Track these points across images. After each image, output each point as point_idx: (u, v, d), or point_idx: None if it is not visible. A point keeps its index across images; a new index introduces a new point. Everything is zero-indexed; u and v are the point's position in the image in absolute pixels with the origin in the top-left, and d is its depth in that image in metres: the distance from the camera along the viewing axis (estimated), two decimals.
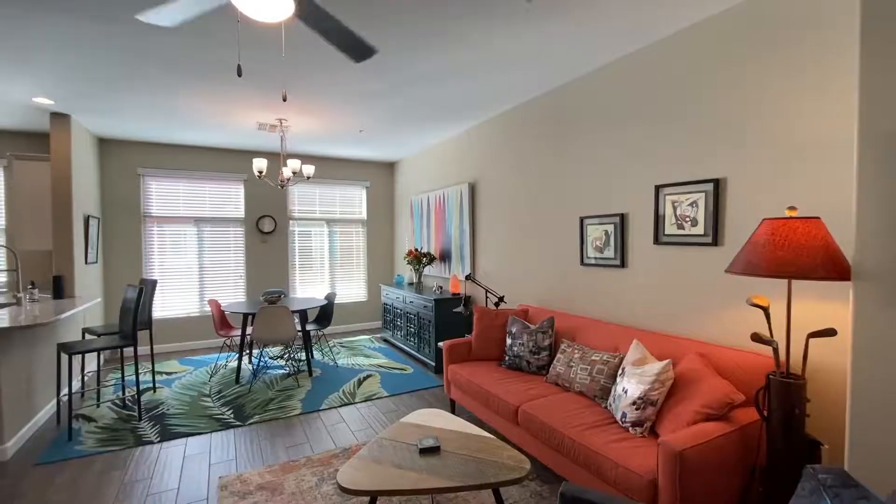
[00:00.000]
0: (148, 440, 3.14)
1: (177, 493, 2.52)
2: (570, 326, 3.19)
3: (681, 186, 2.63)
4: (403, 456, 2.01)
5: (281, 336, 4.19)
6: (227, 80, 3.43)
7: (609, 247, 3.10)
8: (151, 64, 3.13)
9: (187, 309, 5.85)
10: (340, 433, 3.25)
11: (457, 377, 3.29)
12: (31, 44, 2.80)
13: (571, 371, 2.78)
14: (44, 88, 3.61)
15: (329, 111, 4.28)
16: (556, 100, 3.61)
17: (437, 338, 4.60)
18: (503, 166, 4.30)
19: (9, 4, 2.34)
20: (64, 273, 4.31)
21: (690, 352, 2.43)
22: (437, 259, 5.55)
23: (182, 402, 3.86)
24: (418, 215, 6.11)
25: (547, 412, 2.47)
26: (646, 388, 2.22)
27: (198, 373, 4.71)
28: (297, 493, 2.47)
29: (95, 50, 2.90)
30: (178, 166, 5.73)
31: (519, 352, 3.18)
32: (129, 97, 3.83)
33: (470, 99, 3.92)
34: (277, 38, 2.76)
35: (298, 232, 6.54)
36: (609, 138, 3.13)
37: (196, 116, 4.42)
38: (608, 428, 2.28)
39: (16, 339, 3.08)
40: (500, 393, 2.81)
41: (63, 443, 3.09)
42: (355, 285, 7.02)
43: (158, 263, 5.69)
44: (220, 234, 6.01)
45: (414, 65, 3.16)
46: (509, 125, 4.19)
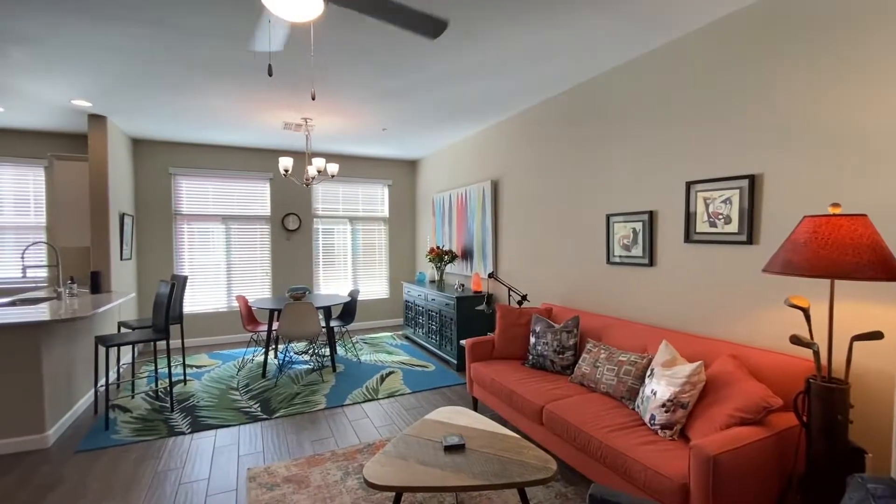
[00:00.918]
0: (180, 431, 3.24)
1: (207, 482, 2.59)
2: (596, 326, 3.13)
3: (713, 183, 2.55)
4: (428, 453, 2.01)
5: (306, 332, 4.26)
6: (255, 80, 3.50)
7: (637, 245, 3.03)
8: (183, 66, 3.21)
9: (216, 304, 6.01)
10: (364, 428, 3.28)
11: (480, 375, 3.27)
12: (71, 49, 2.91)
13: (597, 371, 2.73)
14: (82, 91, 3.75)
15: (353, 110, 4.32)
16: (581, 95, 3.55)
17: (459, 335, 4.59)
18: (527, 163, 4.26)
19: (48, 11, 2.44)
20: (101, 269, 4.48)
21: (723, 353, 2.35)
22: (459, 257, 5.55)
23: (211, 394, 3.97)
24: (440, 213, 6.11)
25: (573, 412, 2.43)
26: (676, 391, 2.16)
27: (226, 366, 4.84)
28: (322, 486, 2.51)
29: (130, 53, 2.99)
30: (207, 165, 5.88)
31: (543, 351, 3.15)
32: (161, 99, 3.95)
33: (493, 96, 3.90)
34: (304, 38, 2.79)
35: (322, 230, 6.64)
36: (637, 134, 3.05)
37: (224, 117, 4.52)
38: (636, 430, 2.23)
39: (57, 331, 3.22)
40: (524, 392, 2.78)
41: (100, 431, 3.22)
42: (377, 282, 7.08)
43: (188, 260, 5.87)
44: (247, 232, 6.15)
45: (438, 63, 3.16)
46: (533, 122, 4.14)
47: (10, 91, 3.72)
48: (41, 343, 2.99)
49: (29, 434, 2.97)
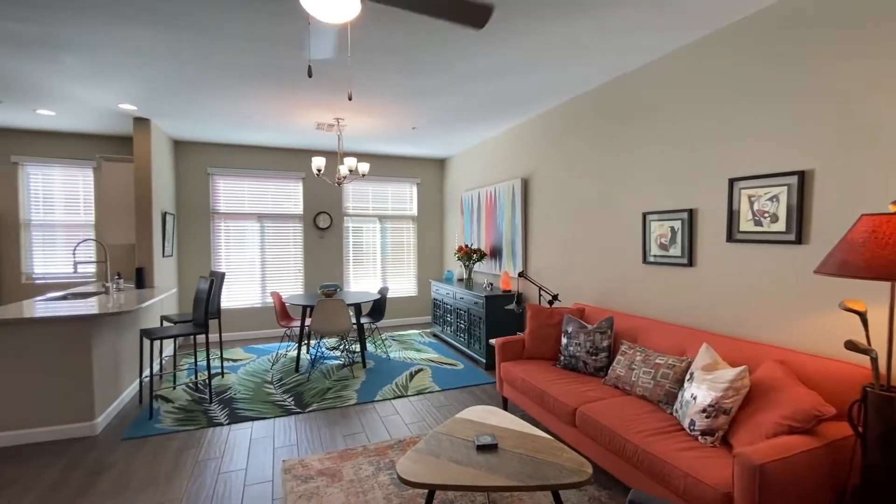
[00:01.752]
0: (218, 422, 3.35)
1: (245, 473, 2.67)
2: (631, 327, 3.06)
3: (759, 179, 2.44)
4: (460, 451, 2.01)
5: (337, 328, 4.33)
6: (290, 82, 3.57)
7: (675, 244, 2.94)
8: (222, 70, 3.31)
9: (251, 300, 6.19)
10: (394, 425, 3.32)
11: (510, 375, 3.25)
12: (119, 55, 3.05)
13: (633, 374, 2.66)
14: (128, 95, 3.93)
15: (383, 109, 4.36)
16: (617, 90, 3.46)
17: (488, 334, 4.57)
18: (558, 160, 4.19)
19: (99, 20, 2.56)
20: (145, 265, 4.69)
21: (768, 358, 2.25)
22: (488, 255, 5.52)
23: (247, 387, 4.09)
24: (468, 211, 6.10)
25: (607, 415, 2.38)
26: (718, 396, 2.08)
27: (260, 360, 4.98)
28: (355, 480, 2.55)
29: (172, 58, 3.11)
30: (243, 165, 6.07)
31: (575, 352, 3.09)
32: (201, 101, 4.09)
33: (525, 93, 3.85)
34: (337, 39, 2.82)
35: (352, 228, 6.74)
36: (676, 129, 2.95)
37: (260, 118, 4.64)
38: (675, 435, 2.16)
39: (105, 324, 3.39)
40: (557, 393, 2.74)
41: (145, 420, 3.37)
42: (405, 280, 7.13)
43: (225, 257, 6.07)
44: (281, 230, 6.31)
45: (470, 60, 3.14)
46: (565, 118, 4.07)
47: (63, 96, 3.94)
48: (91, 335, 3.16)
49: (79, 421, 3.14)
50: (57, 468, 2.70)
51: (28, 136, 5.18)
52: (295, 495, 2.41)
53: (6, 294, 5.13)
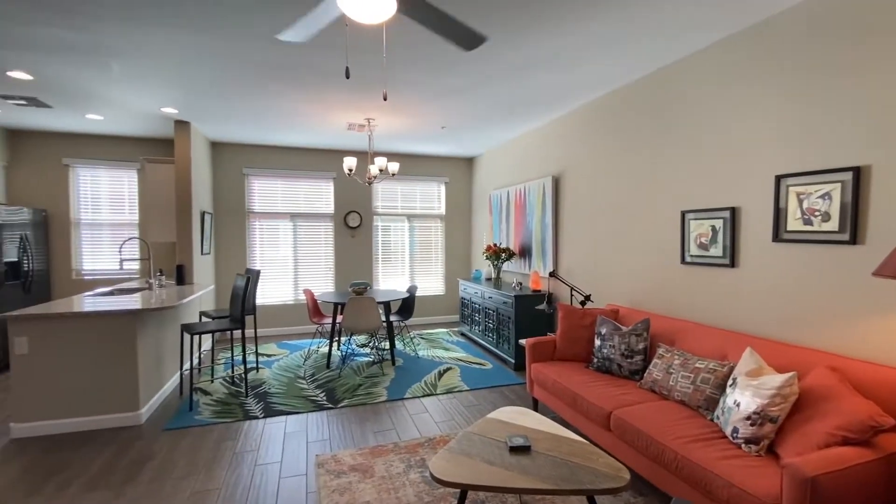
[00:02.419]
0: (254, 415, 3.45)
1: (280, 465, 2.73)
2: (668, 330, 2.96)
3: (809, 176, 2.31)
4: (493, 452, 2.00)
5: (368, 325, 4.39)
6: (323, 83, 3.63)
7: (716, 244, 2.83)
8: (258, 73, 3.40)
9: (283, 297, 6.35)
10: (424, 423, 3.33)
11: (541, 376, 3.21)
12: (162, 61, 3.17)
13: (671, 378, 2.58)
14: (170, 99, 4.09)
15: (413, 109, 4.38)
16: (653, 85, 3.36)
17: (517, 334, 4.53)
18: (591, 157, 4.10)
19: (144, 28, 2.66)
20: (185, 262, 4.88)
21: (818, 365, 2.13)
22: (517, 255, 5.47)
23: (281, 382, 4.20)
24: (497, 210, 6.06)
25: (644, 420, 2.31)
26: (763, 403, 1.99)
27: (293, 356, 5.10)
28: (386, 477, 2.57)
29: (211, 63, 3.21)
30: (276, 166, 6.22)
31: (609, 354, 3.02)
32: (237, 104, 4.21)
33: (556, 90, 3.79)
34: (371, 40, 2.85)
35: (381, 227, 6.81)
36: (718, 125, 2.84)
37: (294, 119, 4.75)
38: (716, 442, 2.08)
39: (149, 319, 3.54)
40: (590, 396, 2.69)
41: (185, 412, 3.50)
42: (433, 279, 7.15)
43: (259, 255, 6.25)
44: (313, 229, 6.45)
45: (501, 58, 3.11)
46: (598, 114, 3.98)
47: (110, 101, 4.13)
48: (136, 329, 3.30)
49: (125, 411, 3.29)
50: (105, 455, 2.84)
51: (78, 139, 5.46)
52: (328, 489, 2.45)
53: (58, 289, 5.43)
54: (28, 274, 4.90)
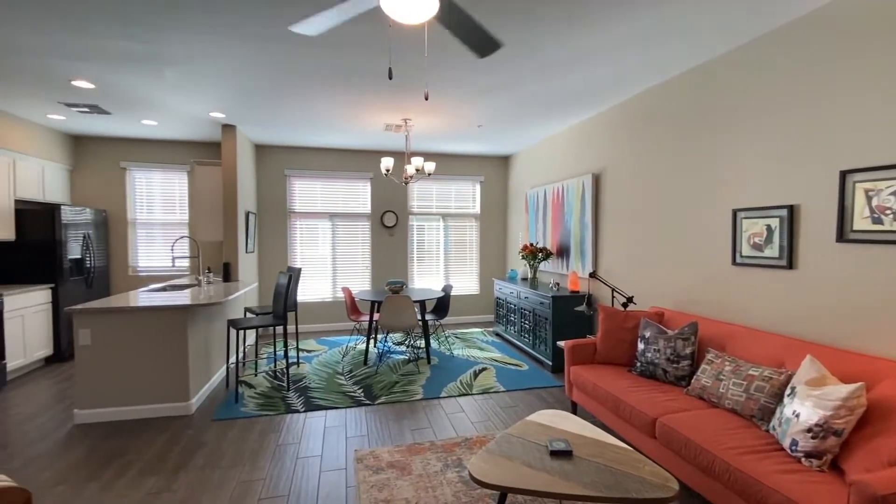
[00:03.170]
0: (295, 409, 3.55)
1: (320, 459, 2.80)
2: (718, 334, 2.82)
3: (880, 171, 2.14)
4: (533, 455, 1.96)
5: (404, 324, 4.43)
6: (361, 85, 3.69)
7: (772, 244, 2.66)
8: (300, 76, 3.49)
9: (322, 295, 6.52)
10: (460, 422, 3.32)
11: (581, 379, 3.13)
12: (212, 67, 3.31)
13: (721, 385, 2.46)
14: (218, 104, 4.27)
15: (450, 108, 4.38)
16: (701, 77, 3.20)
17: (555, 336, 4.44)
18: (633, 154, 3.97)
19: (197, 35, 2.79)
20: (231, 260, 5.09)
21: (889, 375, 1.97)
22: (554, 254, 5.37)
23: (320, 377, 4.30)
24: (534, 209, 5.97)
25: (692, 428, 2.21)
26: (826, 415, 1.86)
27: (332, 352, 5.22)
28: (423, 475, 2.58)
29: (257, 68, 3.33)
30: (316, 167, 6.39)
31: (653, 358, 2.91)
32: (280, 107, 4.35)
33: (597, 85, 3.68)
34: (411, 40, 2.87)
35: (416, 226, 6.86)
36: (775, 118, 2.67)
37: (334, 121, 4.85)
38: (772, 455, 1.96)
39: (199, 314, 3.71)
40: (634, 401, 2.60)
41: (231, 404, 3.65)
42: (468, 278, 7.14)
43: (300, 253, 6.44)
44: (350, 228, 6.58)
45: (540, 53, 3.06)
46: (643, 109, 3.85)
47: (164, 107, 4.36)
48: (187, 323, 3.47)
49: (177, 401, 3.47)
50: (160, 442, 3.00)
51: (134, 143, 5.80)
52: (367, 485, 2.48)
53: (116, 285, 5.79)
54: (90, 270, 5.25)
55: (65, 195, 5.48)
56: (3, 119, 4.47)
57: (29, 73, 3.45)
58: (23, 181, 4.73)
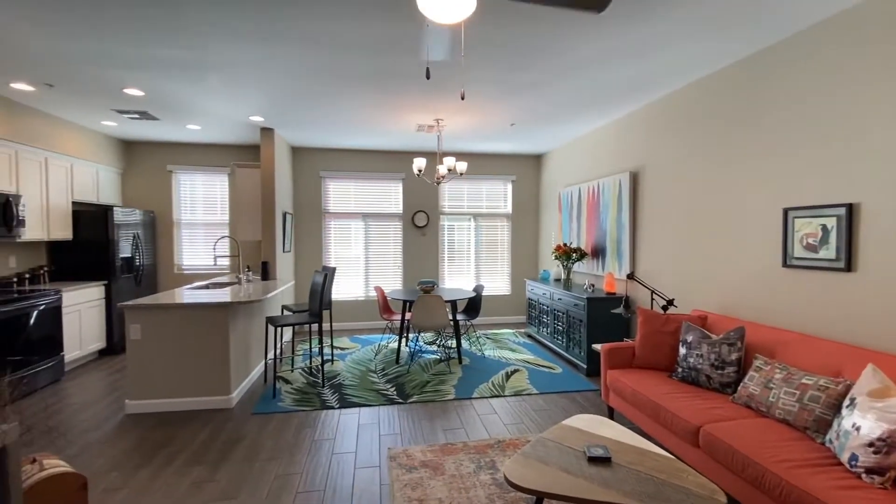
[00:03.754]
0: (330, 405, 3.62)
1: (355, 456, 2.84)
2: (767, 340, 2.68)
3: None
4: (570, 461, 1.92)
5: (435, 323, 4.44)
6: (395, 86, 3.72)
7: (828, 245, 2.50)
8: (336, 79, 3.56)
9: (355, 293, 6.63)
10: (493, 424, 3.30)
11: (618, 384, 3.04)
12: (252, 72, 3.42)
13: (770, 394, 2.33)
14: (257, 108, 4.40)
15: (483, 107, 4.35)
16: (749, 69, 3.05)
17: (590, 339, 4.34)
18: (673, 151, 3.82)
19: (239, 41, 2.88)
20: (269, 259, 5.24)
21: None
22: (589, 255, 5.25)
23: (354, 375, 4.37)
24: (567, 208, 5.86)
25: (740, 438, 2.11)
26: (891, 428, 1.73)
27: (364, 350, 5.29)
28: (456, 476, 2.57)
29: (294, 72, 3.41)
30: (349, 168, 6.51)
31: (696, 364, 2.79)
32: (317, 110, 4.45)
33: (635, 80, 3.57)
34: (444, 41, 2.86)
35: (447, 226, 6.87)
36: (832, 110, 2.51)
37: (367, 123, 4.92)
38: (829, 470, 1.84)
39: (239, 311, 3.84)
40: (675, 408, 2.50)
41: (269, 399, 3.76)
42: (499, 279, 7.09)
43: (333, 253, 6.57)
44: (382, 228, 6.66)
45: (577, 48, 2.99)
46: (682, 105, 3.70)
47: (207, 112, 4.54)
48: (228, 320, 3.60)
49: (219, 395, 3.60)
50: (203, 434, 3.12)
51: (179, 147, 6.07)
52: (401, 483, 2.50)
53: (163, 282, 6.08)
54: (139, 268, 5.53)
55: (116, 197, 5.79)
56: (62, 126, 4.77)
57: (86, 82, 3.67)
58: (79, 184, 5.04)
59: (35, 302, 3.98)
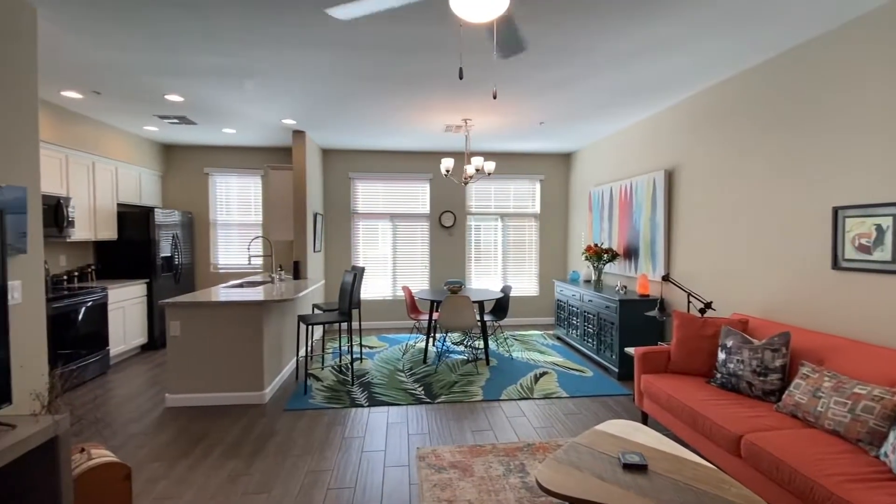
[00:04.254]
0: (359, 403, 3.66)
1: (384, 454, 2.86)
2: (815, 346, 2.54)
3: None
4: (604, 468, 1.87)
5: (463, 324, 4.43)
6: (425, 87, 3.73)
7: (882, 246, 2.35)
8: (366, 82, 3.59)
9: (383, 293, 6.69)
10: (522, 426, 3.26)
11: (653, 389, 2.95)
12: (286, 77, 3.50)
13: (819, 403, 2.21)
14: (290, 112, 4.50)
15: (511, 106, 4.31)
16: (792, 62, 2.90)
17: (622, 342, 4.23)
18: (711, 148, 3.68)
19: (276, 48, 2.95)
20: (300, 259, 5.36)
21: None
22: (621, 256, 5.12)
23: (382, 373, 4.41)
24: (598, 208, 5.73)
25: (786, 449, 2.00)
26: None
27: (392, 349, 5.33)
28: (486, 478, 2.55)
29: (326, 76, 3.46)
30: (378, 169, 6.58)
31: (736, 370, 2.68)
32: (347, 112, 4.51)
33: (670, 76, 3.46)
34: (476, 39, 2.85)
35: (474, 226, 6.85)
36: (887, 101, 2.36)
37: (395, 124, 4.96)
38: (885, 486, 1.72)
39: (272, 309, 3.94)
40: (715, 416, 2.40)
41: (301, 395, 3.83)
42: (526, 279, 7.01)
43: (362, 253, 6.66)
44: (410, 228, 6.70)
45: (609, 44, 2.92)
46: (723, 99, 3.56)
47: (241, 116, 4.68)
48: (262, 318, 3.69)
49: (253, 391, 3.70)
50: (237, 428, 3.21)
51: (215, 150, 6.29)
52: (430, 483, 2.50)
53: (200, 281, 6.31)
54: (178, 267, 5.75)
55: (157, 199, 6.05)
56: (108, 131, 5.01)
57: (130, 89, 3.84)
58: (123, 186, 5.28)
59: (83, 298, 4.20)
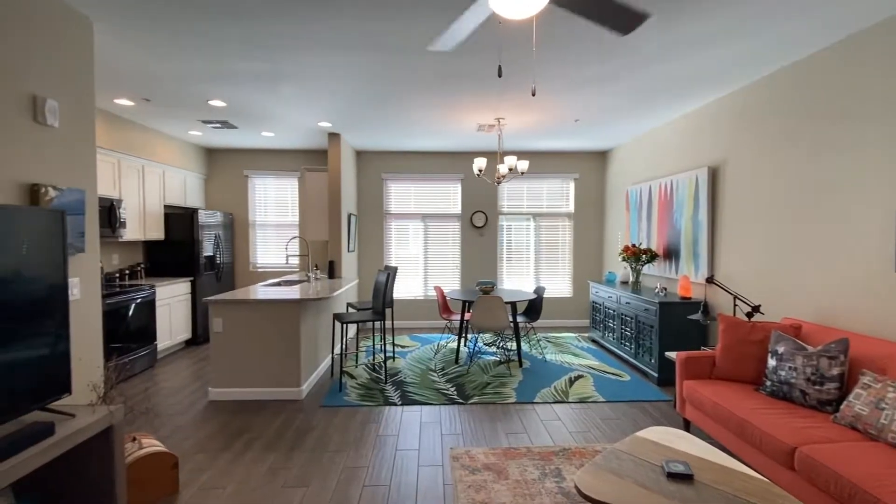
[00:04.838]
0: (392, 402, 3.69)
1: (418, 453, 2.87)
2: (876, 354, 2.37)
3: None
4: (647, 476, 1.81)
5: (495, 324, 4.39)
6: (458, 87, 3.72)
7: None
8: (400, 83, 3.62)
9: (414, 293, 6.74)
10: (557, 430, 3.20)
11: (696, 395, 2.83)
12: (322, 80, 3.57)
13: (882, 415, 2.05)
14: (325, 114, 4.60)
15: (545, 104, 4.24)
16: (847, 51, 2.71)
17: (662, 346, 4.09)
18: (758, 143, 3.50)
19: (313, 52, 3.01)
20: (335, 258, 5.47)
21: None
22: (660, 256, 4.95)
23: (414, 373, 4.43)
24: (635, 207, 5.57)
25: (845, 463, 1.88)
26: None
27: (424, 349, 5.36)
28: (521, 481, 2.52)
29: (361, 78, 3.51)
30: (410, 170, 6.63)
31: (788, 377, 2.53)
32: (381, 114, 4.56)
33: (715, 69, 3.31)
34: (512, 37, 2.82)
35: (506, 226, 6.79)
36: None
37: (427, 125, 4.98)
38: None
39: (308, 307, 4.03)
40: (766, 426, 2.28)
41: (336, 392, 3.90)
42: (559, 280, 6.89)
43: (394, 253, 6.72)
44: (441, 229, 6.72)
45: (649, 39, 2.82)
46: (771, 93, 3.38)
47: (280, 119, 4.81)
48: (299, 316, 3.78)
49: (290, 387, 3.79)
50: (277, 423, 3.31)
51: (254, 153, 6.50)
52: (464, 484, 2.49)
53: (240, 279, 6.54)
54: (219, 266, 5.98)
55: (201, 201, 6.31)
56: (156, 137, 5.27)
57: (178, 96, 4.02)
58: (170, 189, 5.54)
59: (134, 295, 4.43)
